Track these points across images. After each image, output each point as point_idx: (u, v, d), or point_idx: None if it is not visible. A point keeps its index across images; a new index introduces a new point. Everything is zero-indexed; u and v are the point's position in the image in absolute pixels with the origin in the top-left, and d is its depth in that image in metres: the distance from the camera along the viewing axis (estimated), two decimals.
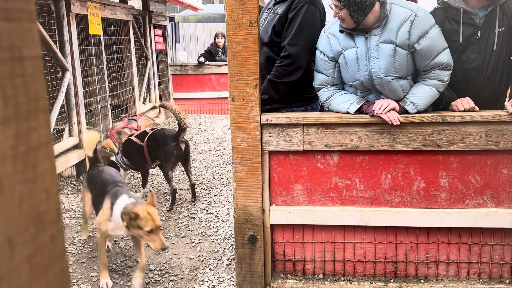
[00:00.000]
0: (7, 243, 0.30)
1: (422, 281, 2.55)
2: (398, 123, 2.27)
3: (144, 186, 4.35)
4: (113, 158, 4.30)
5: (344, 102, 2.42)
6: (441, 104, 2.50)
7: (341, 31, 2.38)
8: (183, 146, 4.08)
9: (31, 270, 0.33)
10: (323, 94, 2.53)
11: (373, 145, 2.38)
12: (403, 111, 2.33)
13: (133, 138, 4.21)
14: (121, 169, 4.24)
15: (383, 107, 2.27)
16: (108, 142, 4.60)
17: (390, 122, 2.28)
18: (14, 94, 0.32)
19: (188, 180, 4.33)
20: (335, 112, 2.49)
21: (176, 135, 4.04)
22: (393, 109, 2.30)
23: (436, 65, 2.30)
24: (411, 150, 2.38)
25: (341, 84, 2.53)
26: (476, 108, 2.36)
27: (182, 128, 3.98)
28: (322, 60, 2.47)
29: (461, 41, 2.47)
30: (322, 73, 2.50)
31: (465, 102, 2.36)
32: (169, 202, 4.08)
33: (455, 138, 2.33)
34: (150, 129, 4.31)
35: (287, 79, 2.62)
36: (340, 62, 2.43)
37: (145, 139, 4.11)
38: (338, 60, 2.44)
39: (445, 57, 2.30)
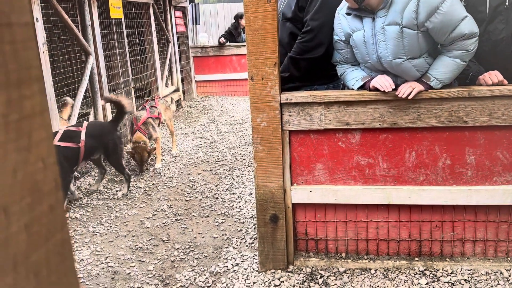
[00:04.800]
0: (2, 211, 0.31)
1: (447, 259, 2.51)
2: (411, 97, 2.22)
3: (71, 194, 3.84)
4: None
5: (351, 79, 2.44)
6: (467, 78, 2.41)
7: (347, 14, 2.32)
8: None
9: (29, 239, 0.33)
10: (338, 70, 2.57)
11: (396, 122, 2.33)
12: (428, 87, 2.26)
13: (58, 143, 3.49)
14: None
15: (406, 92, 2.21)
16: (139, 136, 4.63)
17: (405, 96, 2.22)
18: (3, 61, 0.32)
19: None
20: (347, 86, 2.52)
21: (116, 123, 3.94)
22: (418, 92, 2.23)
23: (457, 37, 2.15)
24: (436, 127, 2.32)
25: (357, 61, 2.51)
26: (505, 81, 2.26)
27: (124, 112, 3.90)
28: (335, 40, 2.48)
29: (487, 11, 2.35)
30: (337, 51, 2.51)
31: (493, 76, 2.27)
32: (125, 187, 4.05)
33: (482, 113, 2.25)
34: (74, 127, 3.75)
35: (308, 55, 2.58)
36: (351, 44, 2.40)
37: (82, 138, 3.61)
38: (349, 42, 2.40)
39: (465, 27, 2.12)
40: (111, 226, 3.40)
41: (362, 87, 2.38)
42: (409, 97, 2.21)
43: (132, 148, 4.58)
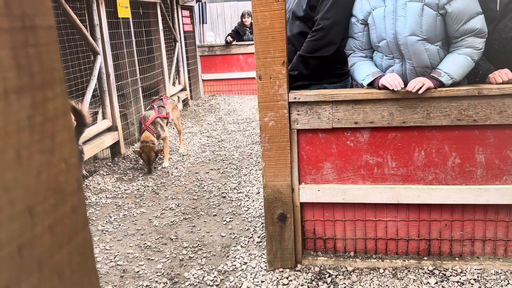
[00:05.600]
0: (28, 212, 0.31)
1: (456, 258, 2.50)
2: (420, 92, 2.20)
3: None
4: None
5: (361, 73, 2.43)
6: (477, 76, 2.39)
7: None
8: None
9: (53, 239, 0.33)
10: (349, 60, 2.57)
11: (405, 121, 2.32)
12: (438, 84, 2.25)
13: None
14: None
15: (416, 87, 2.20)
16: (148, 135, 4.64)
17: (415, 91, 2.21)
18: (28, 64, 0.32)
19: None
20: (355, 80, 2.53)
21: (78, 135, 3.74)
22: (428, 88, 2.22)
23: (469, 31, 2.20)
24: (445, 126, 2.30)
25: (370, 50, 2.52)
26: None
27: (84, 124, 3.67)
28: (352, 23, 2.49)
29: (498, 9, 2.34)
30: (352, 37, 2.52)
31: (503, 74, 2.25)
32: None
33: (492, 112, 2.23)
34: None
35: (318, 53, 2.58)
36: (369, 23, 2.41)
37: None
38: (367, 21, 2.40)
39: (478, 23, 2.20)
40: (119, 225, 3.42)
41: (371, 84, 2.37)
42: (419, 92, 2.20)
43: (139, 147, 4.60)
